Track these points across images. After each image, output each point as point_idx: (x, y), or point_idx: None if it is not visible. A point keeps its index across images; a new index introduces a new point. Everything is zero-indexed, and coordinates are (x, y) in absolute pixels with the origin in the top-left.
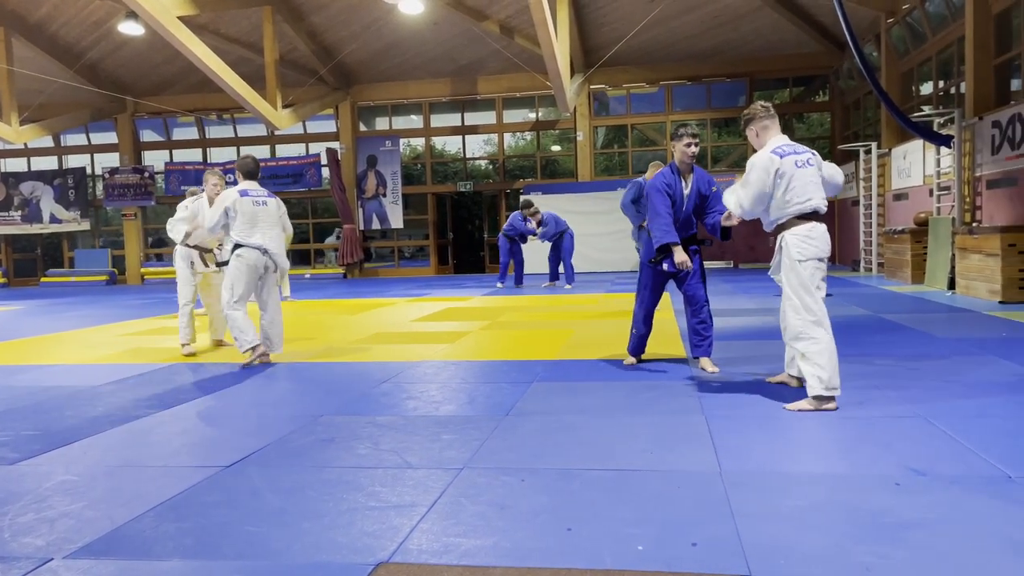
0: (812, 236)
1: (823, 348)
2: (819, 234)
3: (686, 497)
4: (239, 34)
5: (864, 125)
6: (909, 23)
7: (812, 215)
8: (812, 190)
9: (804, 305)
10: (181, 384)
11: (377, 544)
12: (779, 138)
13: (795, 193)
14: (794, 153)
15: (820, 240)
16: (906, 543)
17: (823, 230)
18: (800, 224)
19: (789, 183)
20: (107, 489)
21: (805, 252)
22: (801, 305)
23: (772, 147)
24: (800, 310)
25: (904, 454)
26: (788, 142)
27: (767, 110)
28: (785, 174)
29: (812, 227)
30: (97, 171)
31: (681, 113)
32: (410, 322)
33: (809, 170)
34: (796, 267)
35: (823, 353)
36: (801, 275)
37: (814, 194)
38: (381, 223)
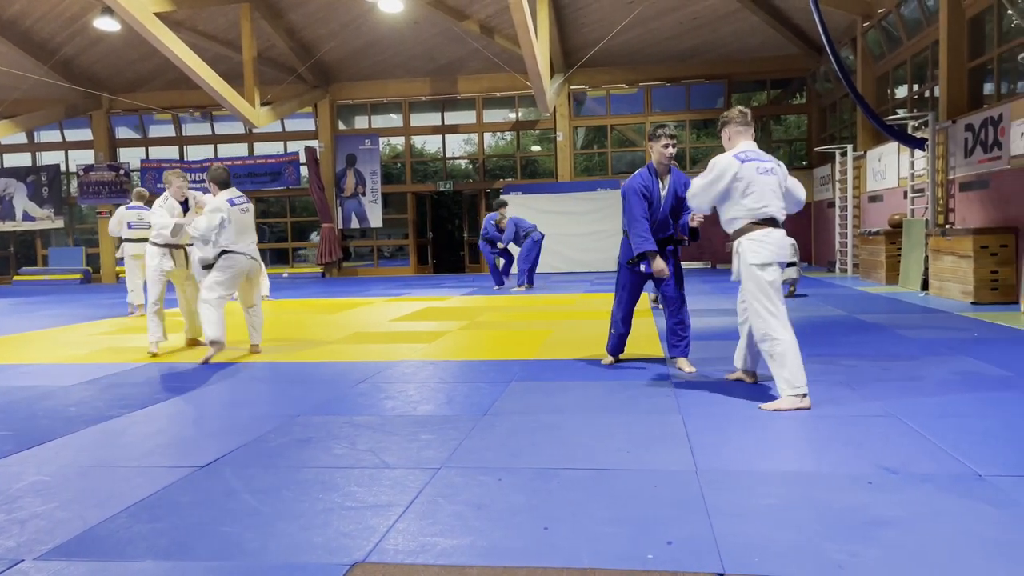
0: (766, 241)
1: (786, 348)
2: (774, 239)
3: (662, 496)
4: (217, 31)
5: (840, 127)
6: (884, 27)
7: (768, 221)
8: (770, 197)
9: (765, 308)
10: (156, 384)
11: (353, 544)
12: (747, 144)
13: (753, 199)
14: (757, 160)
15: (775, 245)
16: (878, 541)
17: (779, 236)
18: (756, 229)
19: (748, 188)
20: (80, 489)
21: (759, 256)
22: (762, 309)
23: (736, 151)
24: (761, 313)
25: (876, 453)
26: (755, 150)
27: (744, 116)
28: (744, 178)
29: (767, 232)
30: (71, 168)
31: (660, 114)
32: (389, 322)
33: (770, 178)
34: (752, 272)
35: (786, 354)
36: (758, 279)
37: (771, 202)
38: (360, 222)
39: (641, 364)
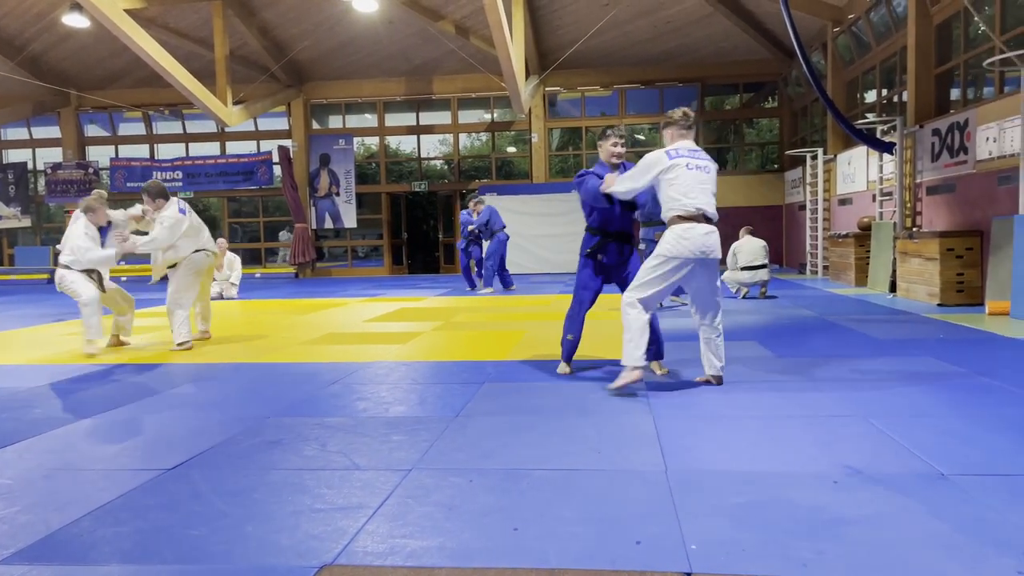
0: (685, 237)
1: (639, 324)
2: (695, 235)
3: (632, 496)
4: (188, 28)
5: (811, 131)
6: (855, 32)
7: (692, 216)
8: (697, 193)
9: (643, 284)
10: (124, 385)
11: (322, 546)
12: (684, 144)
13: (680, 192)
14: (689, 157)
15: (692, 242)
16: (842, 539)
17: (701, 232)
18: (679, 223)
19: (674, 181)
20: (43, 493)
21: (673, 250)
22: (642, 283)
23: (668, 148)
24: (637, 288)
25: (842, 452)
26: (690, 147)
27: (686, 119)
28: (671, 171)
29: (691, 227)
30: (39, 166)
31: (634, 116)
32: (362, 322)
33: (700, 174)
34: (659, 258)
35: (632, 327)
36: (658, 266)
37: (699, 196)
38: (334, 222)
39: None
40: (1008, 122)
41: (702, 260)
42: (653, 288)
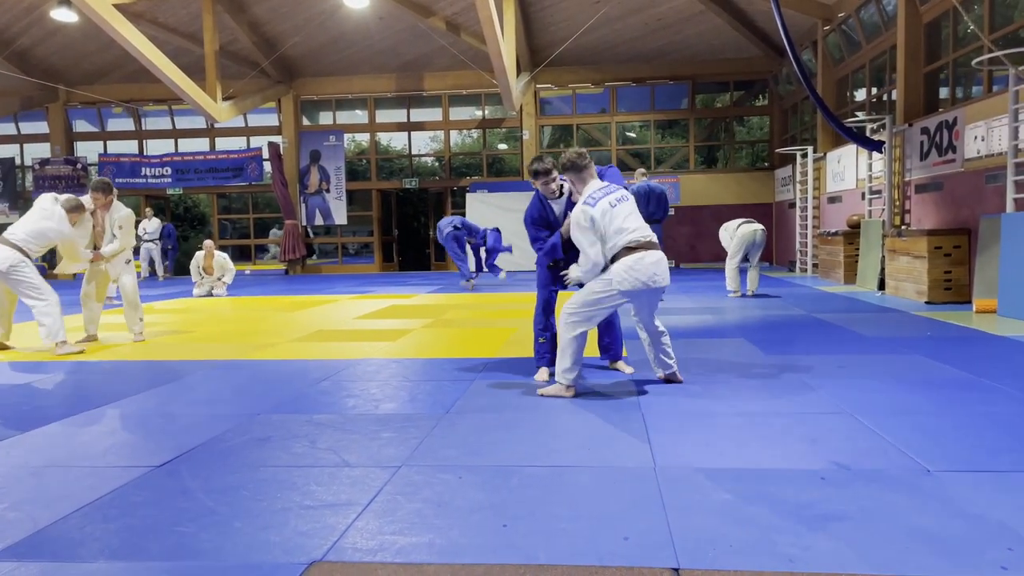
0: (636, 268)
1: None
2: (644, 265)
3: (620, 492)
4: (178, 23)
5: (801, 129)
6: (845, 31)
7: (637, 246)
8: (632, 222)
9: (583, 305)
10: (112, 381)
11: (311, 543)
12: (592, 184)
13: (616, 230)
14: (605, 195)
15: (643, 272)
16: (829, 535)
17: (651, 260)
18: (628, 255)
19: (610, 224)
20: (31, 489)
21: (624, 283)
22: (583, 304)
23: (584, 197)
24: (577, 308)
25: (830, 449)
26: (599, 186)
27: (581, 157)
28: (602, 217)
29: (640, 257)
30: (27, 162)
31: (625, 114)
32: (353, 319)
33: (625, 205)
34: (604, 286)
35: (569, 347)
36: (602, 294)
37: (635, 224)
38: (324, 219)
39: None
40: (996, 121)
41: (649, 291)
42: (592, 310)
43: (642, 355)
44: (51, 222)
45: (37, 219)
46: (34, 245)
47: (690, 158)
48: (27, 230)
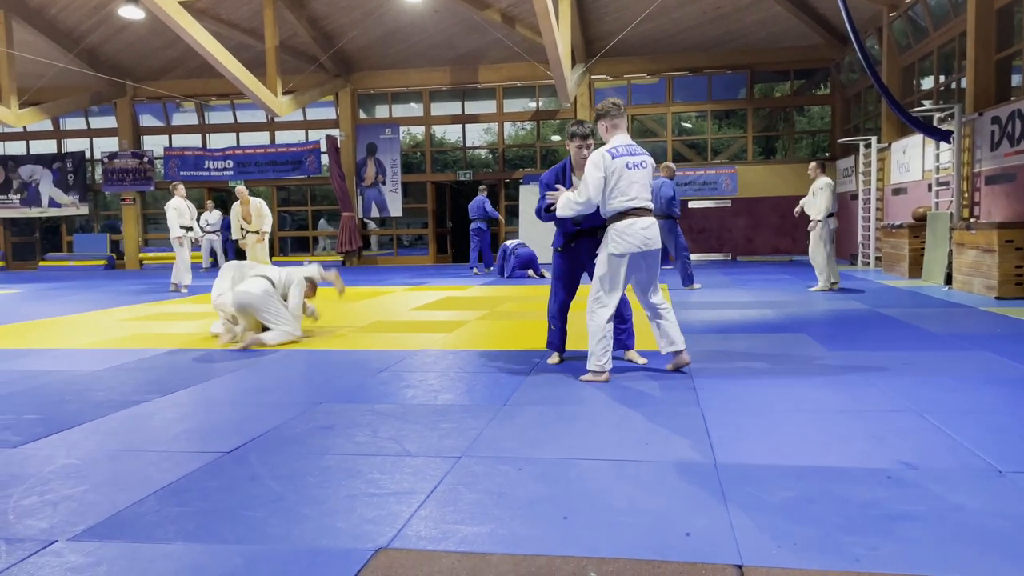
0: (627, 232)
1: (597, 329)
2: (635, 231)
3: (681, 488)
4: (240, 19)
5: (864, 119)
6: (911, 17)
7: (631, 212)
8: (636, 190)
9: (600, 291)
10: (180, 370)
11: (376, 530)
12: (621, 137)
13: (620, 191)
14: (628, 155)
15: (634, 236)
16: (896, 535)
17: (642, 226)
18: (620, 220)
19: (617, 182)
20: (109, 473)
21: (618, 247)
22: (599, 289)
23: (609, 146)
24: (596, 293)
25: (896, 447)
26: (627, 143)
27: (618, 108)
28: (615, 172)
29: (631, 223)
30: (96, 155)
31: (681, 104)
32: (409, 311)
33: (639, 172)
34: (607, 260)
35: (597, 333)
36: (609, 268)
37: (638, 194)
38: (380, 211)
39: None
40: None
41: (643, 253)
42: (607, 289)
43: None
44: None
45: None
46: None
47: (748, 149)
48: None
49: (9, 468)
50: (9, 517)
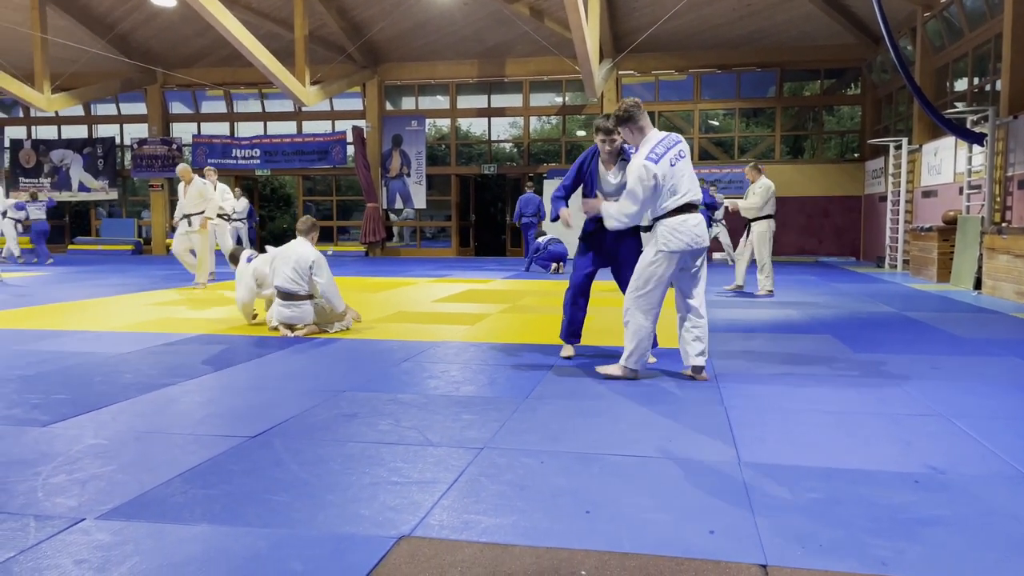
0: (680, 230)
1: (639, 329)
2: (688, 228)
3: (704, 486)
4: (270, 9)
5: (895, 120)
6: (946, 18)
7: (684, 208)
8: (686, 184)
9: (640, 286)
10: (206, 355)
11: (399, 518)
12: (652, 136)
13: (670, 191)
14: (666, 151)
15: (686, 234)
16: (923, 540)
17: (694, 223)
18: (672, 217)
19: (666, 182)
20: (136, 454)
21: (670, 244)
22: (641, 285)
23: (645, 153)
24: (638, 290)
25: (923, 452)
26: (660, 139)
27: (638, 107)
28: (663, 178)
29: (683, 219)
30: (126, 141)
31: (709, 101)
32: (431, 302)
33: (682, 163)
34: (656, 255)
35: (639, 333)
36: (653, 262)
37: (688, 188)
38: (404, 203)
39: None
40: None
41: (694, 252)
42: (653, 284)
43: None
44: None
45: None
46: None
47: (776, 148)
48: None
49: (38, 446)
50: (39, 494)
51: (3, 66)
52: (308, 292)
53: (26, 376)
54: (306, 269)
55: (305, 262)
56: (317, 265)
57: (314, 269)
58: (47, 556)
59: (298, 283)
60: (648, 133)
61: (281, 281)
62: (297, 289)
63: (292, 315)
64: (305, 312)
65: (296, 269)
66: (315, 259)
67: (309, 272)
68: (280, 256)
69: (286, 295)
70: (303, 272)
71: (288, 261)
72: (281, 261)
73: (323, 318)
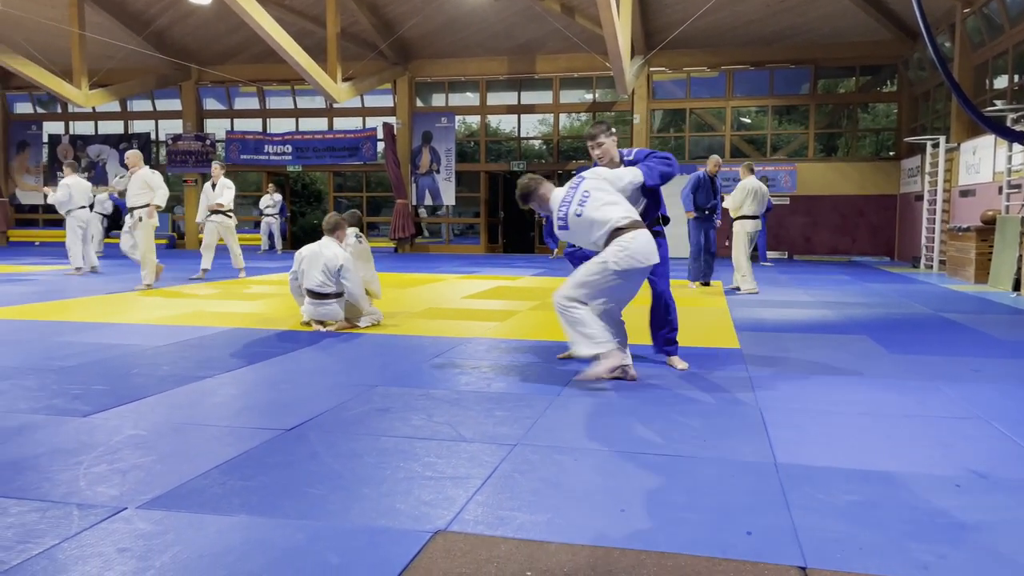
0: (630, 247)
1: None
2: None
3: (740, 486)
4: (303, 6)
5: (932, 118)
6: (986, 14)
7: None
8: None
9: (577, 286)
10: (239, 348)
11: (434, 513)
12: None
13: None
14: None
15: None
16: (966, 544)
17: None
18: (622, 234)
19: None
20: (175, 444)
21: (619, 263)
22: (577, 285)
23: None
24: (571, 288)
25: (964, 455)
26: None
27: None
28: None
29: (633, 236)
30: (161, 137)
31: (741, 98)
32: (461, 299)
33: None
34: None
35: (577, 319)
36: (599, 275)
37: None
38: (433, 199)
39: (715, 352)
40: None
41: (643, 269)
42: (587, 291)
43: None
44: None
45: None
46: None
47: (809, 146)
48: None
49: (79, 436)
50: (80, 483)
51: (42, 63)
52: (338, 291)
53: (66, 367)
54: (335, 271)
55: (333, 265)
56: (345, 269)
57: (342, 273)
58: (90, 544)
59: (327, 284)
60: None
61: (311, 284)
62: (327, 291)
63: (323, 312)
64: (335, 309)
65: (325, 272)
66: (343, 263)
67: (338, 275)
68: (309, 258)
69: (316, 295)
70: (332, 274)
71: (317, 263)
72: (310, 263)
73: (352, 313)
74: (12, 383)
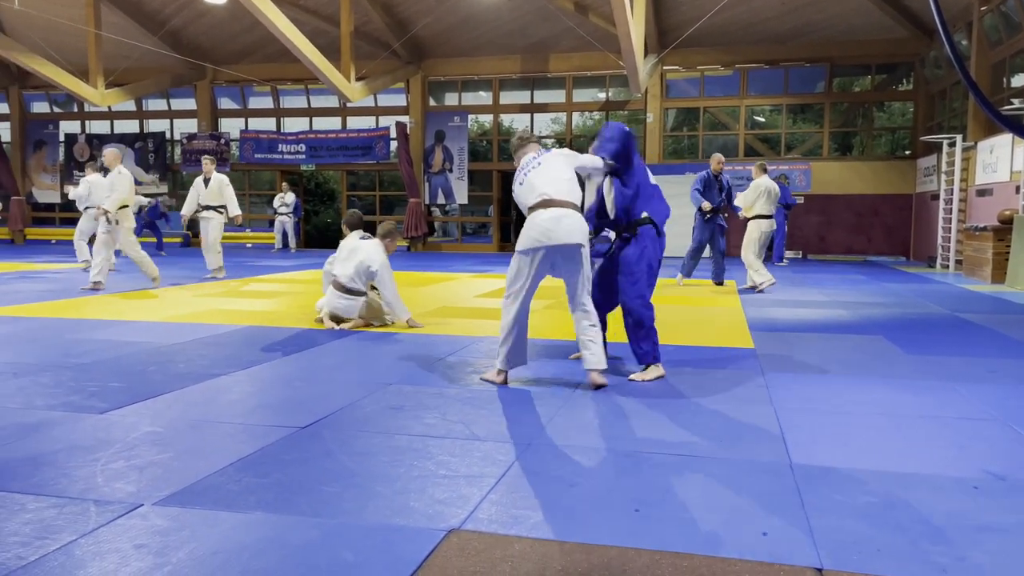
0: (528, 226)
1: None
2: (536, 222)
3: (756, 487)
4: (316, 5)
5: (949, 116)
6: (1003, 12)
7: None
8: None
9: (507, 285)
10: (254, 346)
11: (448, 511)
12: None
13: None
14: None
15: (533, 229)
16: (985, 547)
17: (546, 216)
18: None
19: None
20: (191, 441)
21: (520, 243)
22: (507, 284)
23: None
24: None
25: (982, 457)
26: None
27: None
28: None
29: (534, 215)
30: (176, 136)
31: (756, 97)
32: (473, 297)
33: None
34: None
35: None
36: (512, 263)
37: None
38: (446, 198)
39: (730, 352)
40: None
41: (552, 247)
42: (514, 286)
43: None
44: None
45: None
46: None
47: (824, 144)
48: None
49: (96, 433)
50: (98, 480)
51: (59, 62)
52: (362, 291)
53: (83, 364)
54: (365, 272)
55: (365, 266)
56: (380, 275)
57: (376, 278)
58: (107, 540)
59: (355, 281)
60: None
61: (341, 276)
62: (353, 287)
63: (344, 306)
64: (356, 306)
65: (358, 269)
66: (379, 267)
67: (368, 276)
68: (347, 248)
69: (342, 288)
70: (363, 274)
71: (353, 258)
72: (346, 255)
73: (370, 313)
74: (30, 380)
